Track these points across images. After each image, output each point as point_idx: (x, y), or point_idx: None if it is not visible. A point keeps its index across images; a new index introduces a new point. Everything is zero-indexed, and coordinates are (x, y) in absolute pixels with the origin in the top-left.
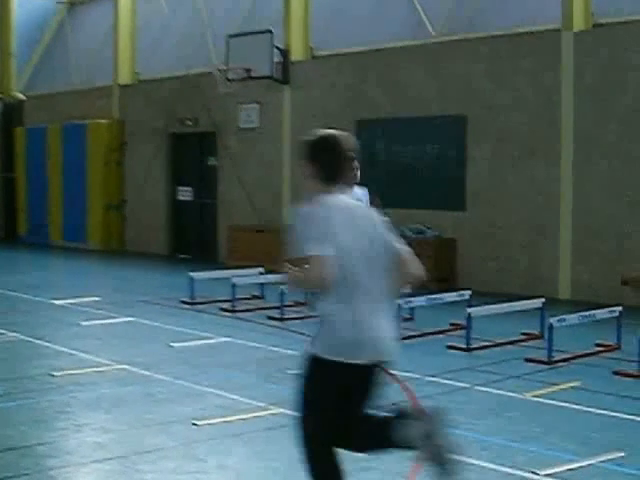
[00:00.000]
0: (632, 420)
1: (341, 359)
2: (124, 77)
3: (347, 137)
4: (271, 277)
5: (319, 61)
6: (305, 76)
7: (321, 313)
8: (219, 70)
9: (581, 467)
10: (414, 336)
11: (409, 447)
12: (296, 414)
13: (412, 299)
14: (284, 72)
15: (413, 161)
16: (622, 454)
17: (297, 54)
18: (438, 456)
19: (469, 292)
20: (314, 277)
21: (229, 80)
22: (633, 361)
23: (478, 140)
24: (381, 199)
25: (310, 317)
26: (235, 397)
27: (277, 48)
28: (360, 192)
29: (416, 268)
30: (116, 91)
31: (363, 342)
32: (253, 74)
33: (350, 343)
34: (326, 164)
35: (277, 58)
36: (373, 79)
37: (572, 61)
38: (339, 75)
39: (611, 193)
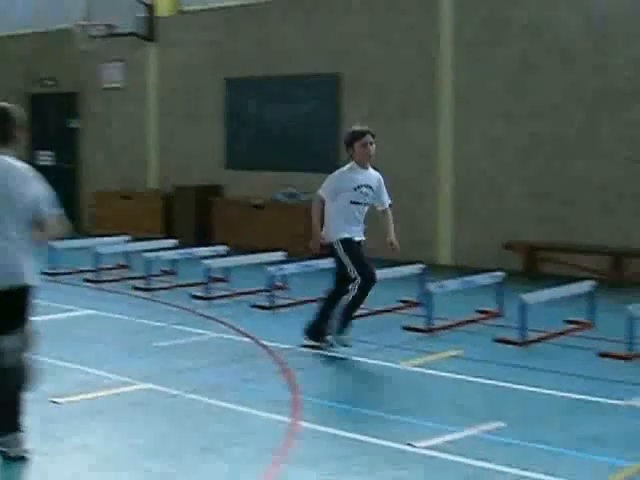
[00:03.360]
0: (514, 389)
1: None
2: None
3: (14, 108)
4: (137, 245)
5: (186, 16)
6: (172, 32)
7: None
8: (79, 26)
9: (460, 438)
10: (287, 305)
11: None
12: None
13: (285, 266)
14: (149, 28)
15: (285, 122)
16: (503, 424)
17: (163, 9)
18: (20, 370)
19: None
20: None
21: (91, 37)
22: (515, 328)
23: (353, 99)
24: (251, 161)
25: (178, 286)
26: (99, 372)
27: (141, 2)
28: (373, 173)
29: (54, 231)
30: None
31: None
32: (116, 30)
33: None
34: None
35: (142, 13)
36: (243, 35)
37: (451, 16)
38: (207, 31)
39: (492, 153)
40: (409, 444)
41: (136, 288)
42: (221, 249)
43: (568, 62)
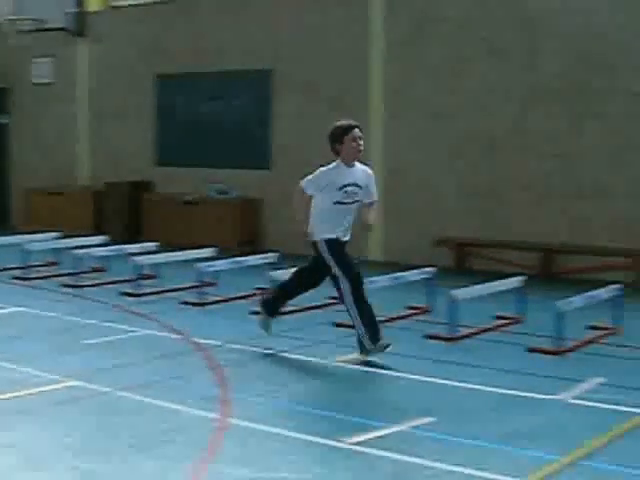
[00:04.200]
0: (444, 385)
1: None
2: None
3: None
4: (67, 242)
5: (117, 11)
6: (102, 28)
7: None
8: (8, 21)
9: (390, 434)
10: (218, 301)
11: None
12: None
13: (215, 263)
14: (79, 23)
15: (217, 118)
16: (433, 419)
17: (93, 4)
18: None
19: (274, 255)
20: None
21: (20, 32)
22: (445, 324)
23: (284, 95)
24: (183, 158)
25: (108, 283)
26: (27, 370)
27: None
28: (361, 169)
29: None
30: None
31: None
32: (46, 25)
33: None
34: None
35: (72, 8)
36: (175, 31)
37: (382, 13)
38: (138, 26)
39: (422, 149)
40: (339, 440)
41: (66, 285)
42: (152, 246)
43: (498, 59)
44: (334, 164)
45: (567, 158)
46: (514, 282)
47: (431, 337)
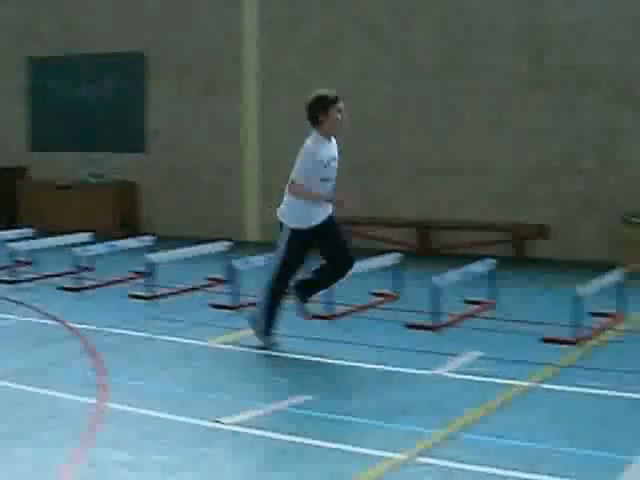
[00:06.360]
0: (321, 362)
1: None
2: None
3: None
4: None
5: None
6: None
7: None
8: None
9: (268, 413)
10: (94, 286)
11: None
12: None
13: (91, 247)
14: None
15: (91, 101)
16: (311, 397)
17: None
18: None
19: (150, 238)
20: None
21: None
22: (322, 302)
23: (157, 77)
24: (58, 142)
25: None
26: None
27: None
28: (334, 143)
29: None
30: None
31: None
32: None
33: None
34: None
35: None
36: (45, 13)
37: None
38: (8, 8)
39: (297, 129)
40: (216, 421)
41: None
42: (27, 232)
43: (370, 36)
44: (313, 138)
45: (441, 135)
46: (390, 259)
47: (313, 316)
